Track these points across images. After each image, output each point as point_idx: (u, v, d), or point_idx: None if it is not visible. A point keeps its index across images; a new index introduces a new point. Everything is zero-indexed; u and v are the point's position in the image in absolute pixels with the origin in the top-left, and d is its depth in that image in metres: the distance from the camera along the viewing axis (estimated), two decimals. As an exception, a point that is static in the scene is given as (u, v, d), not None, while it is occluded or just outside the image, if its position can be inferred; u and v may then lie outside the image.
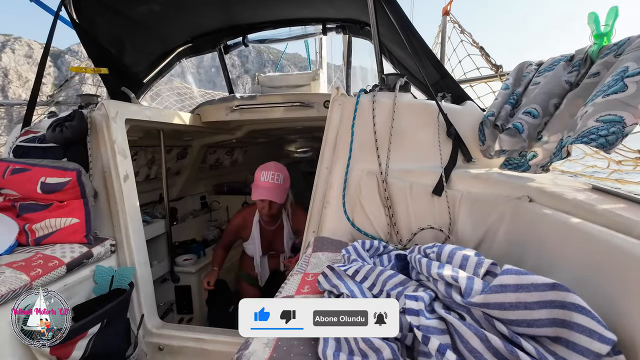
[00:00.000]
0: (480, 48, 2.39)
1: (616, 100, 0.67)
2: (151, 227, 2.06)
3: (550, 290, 0.45)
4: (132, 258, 1.36)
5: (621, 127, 0.65)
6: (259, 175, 1.72)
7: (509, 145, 1.02)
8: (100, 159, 1.37)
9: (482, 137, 1.17)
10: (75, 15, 1.50)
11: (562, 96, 0.91)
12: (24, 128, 1.48)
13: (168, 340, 1.37)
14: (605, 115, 0.68)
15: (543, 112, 0.93)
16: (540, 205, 0.78)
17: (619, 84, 0.68)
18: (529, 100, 0.97)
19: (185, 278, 2.25)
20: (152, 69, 2.12)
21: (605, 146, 0.65)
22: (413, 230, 1.03)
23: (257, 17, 2.24)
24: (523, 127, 0.93)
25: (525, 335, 0.46)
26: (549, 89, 0.94)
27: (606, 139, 0.65)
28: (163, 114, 1.78)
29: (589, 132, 0.69)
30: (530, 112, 0.94)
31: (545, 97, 0.93)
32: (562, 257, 0.64)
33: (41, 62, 1.55)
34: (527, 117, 0.94)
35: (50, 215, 1.21)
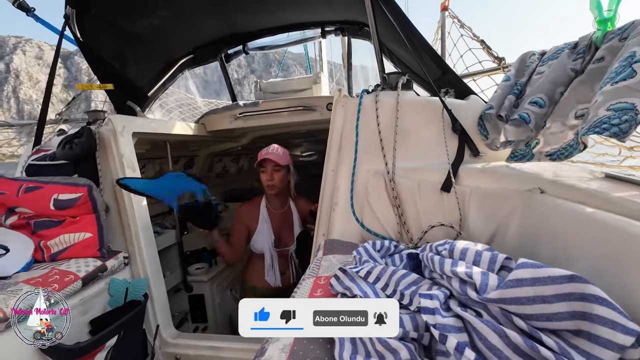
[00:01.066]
0: (481, 41, 2.38)
1: (626, 87, 0.66)
2: (162, 238, 2.08)
3: (568, 282, 0.44)
4: (145, 269, 1.38)
5: (634, 115, 0.63)
6: (261, 152, 1.76)
7: (515, 136, 1.01)
8: (109, 173, 1.39)
9: (483, 132, 1.16)
10: (79, 34, 1.53)
11: (567, 84, 0.90)
12: (35, 147, 1.51)
13: (184, 350, 1.38)
14: (616, 104, 0.66)
15: (549, 101, 0.92)
16: (552, 197, 0.77)
17: (627, 70, 0.66)
18: (535, 89, 0.96)
19: (198, 287, 2.26)
20: (156, 82, 2.16)
21: (619, 135, 0.64)
22: (423, 229, 1.02)
23: (257, 25, 2.26)
24: (530, 117, 0.92)
25: (545, 329, 0.45)
26: (554, 77, 0.93)
27: (619, 127, 0.64)
28: (169, 125, 1.81)
29: (600, 121, 0.67)
30: (536, 101, 0.93)
31: (551, 86, 0.92)
32: (578, 248, 0.63)
33: (48, 83, 1.59)
34: (534, 107, 0.93)
35: (64, 231, 1.23)
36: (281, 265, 1.89)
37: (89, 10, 1.52)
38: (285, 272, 1.90)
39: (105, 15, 1.62)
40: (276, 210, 1.90)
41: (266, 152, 1.75)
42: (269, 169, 1.76)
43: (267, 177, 1.77)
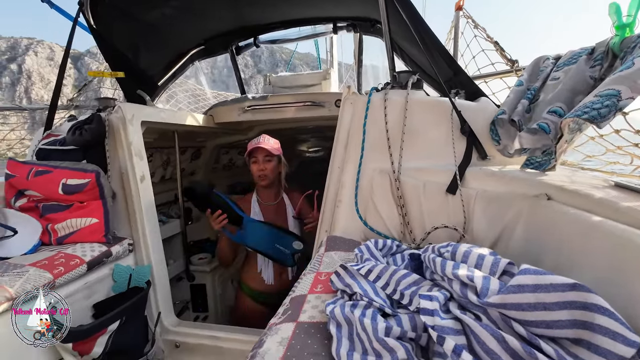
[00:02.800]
0: (495, 43, 2.34)
1: (619, 76, 0.67)
2: (167, 227, 2.11)
3: (571, 290, 0.44)
4: (149, 257, 1.40)
5: (616, 101, 0.65)
6: (251, 143, 1.74)
7: (531, 144, 0.99)
8: (117, 160, 1.41)
9: (495, 137, 1.14)
10: (93, 21, 1.54)
11: (587, 92, 0.88)
12: (45, 131, 1.53)
13: (184, 338, 1.40)
14: (604, 90, 0.68)
15: (568, 110, 0.90)
16: (559, 204, 0.76)
17: (628, 63, 0.68)
18: (553, 97, 0.94)
19: (200, 277, 2.29)
20: (166, 72, 2.17)
21: (597, 119, 0.66)
22: (427, 229, 1.02)
23: (268, 18, 2.26)
24: (549, 127, 0.90)
25: (544, 336, 0.45)
26: (572, 85, 0.91)
27: (599, 111, 0.66)
28: (177, 115, 1.82)
29: (584, 105, 0.70)
30: (555, 111, 0.91)
31: (569, 94, 0.91)
32: (583, 256, 0.62)
33: (61, 67, 1.61)
34: (553, 116, 0.91)
35: (71, 215, 1.25)
36: (277, 264, 1.80)
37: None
38: (283, 274, 1.82)
39: (118, 4, 1.63)
40: (268, 203, 1.86)
41: (257, 142, 1.72)
42: (260, 159, 1.73)
43: (258, 167, 1.74)
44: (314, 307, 0.69)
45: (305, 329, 0.62)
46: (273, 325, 0.65)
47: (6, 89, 67.95)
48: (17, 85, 69.47)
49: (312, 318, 0.65)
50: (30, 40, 72.99)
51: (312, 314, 0.66)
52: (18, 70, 71.34)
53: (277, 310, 0.73)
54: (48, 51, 72.46)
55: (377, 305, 0.59)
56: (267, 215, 1.83)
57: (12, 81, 69.49)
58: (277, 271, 1.81)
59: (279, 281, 1.80)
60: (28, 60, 70.00)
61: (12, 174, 1.30)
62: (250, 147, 1.72)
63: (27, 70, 69.07)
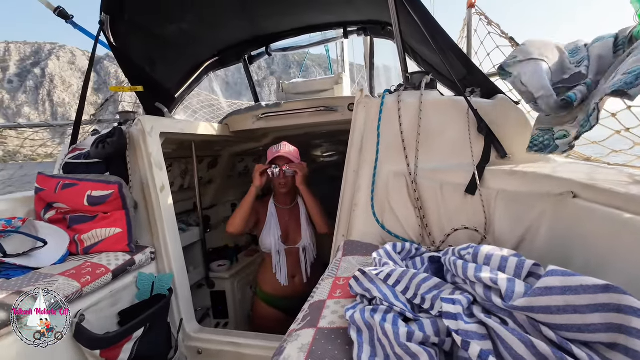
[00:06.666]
0: (510, 38, 2.28)
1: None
2: (187, 235, 2.15)
3: (603, 292, 0.41)
4: (170, 265, 1.43)
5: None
6: (271, 150, 1.77)
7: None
8: (138, 171, 1.45)
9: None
10: (113, 39, 1.61)
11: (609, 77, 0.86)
12: (71, 146, 1.60)
13: (206, 345, 1.42)
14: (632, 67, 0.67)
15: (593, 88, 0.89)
16: (586, 201, 0.73)
17: None
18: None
19: (220, 283, 2.32)
20: (183, 84, 2.24)
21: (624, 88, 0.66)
22: (446, 231, 1.00)
23: (279, 27, 2.29)
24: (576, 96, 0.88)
25: (576, 341, 0.43)
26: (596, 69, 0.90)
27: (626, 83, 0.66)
28: (194, 125, 1.86)
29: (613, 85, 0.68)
30: (586, 82, 0.89)
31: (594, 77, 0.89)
32: (614, 256, 0.59)
33: (84, 89, 1.68)
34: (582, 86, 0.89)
35: (96, 226, 1.30)
36: (291, 266, 1.84)
37: (122, 17, 1.60)
38: (296, 276, 1.84)
39: (137, 21, 1.70)
40: (284, 206, 1.89)
41: (277, 150, 1.73)
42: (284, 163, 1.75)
43: (281, 176, 1.75)
44: (333, 313, 0.69)
45: (325, 335, 0.61)
46: (293, 331, 0.65)
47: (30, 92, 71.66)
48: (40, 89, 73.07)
49: (332, 324, 0.65)
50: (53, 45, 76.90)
51: (331, 320, 0.66)
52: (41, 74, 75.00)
53: (297, 316, 0.73)
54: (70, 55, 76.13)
55: (398, 310, 0.58)
56: (282, 218, 1.87)
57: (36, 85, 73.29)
58: (290, 272, 1.84)
59: (292, 284, 1.83)
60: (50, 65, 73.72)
61: (41, 188, 1.37)
62: (271, 155, 1.74)
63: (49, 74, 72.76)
